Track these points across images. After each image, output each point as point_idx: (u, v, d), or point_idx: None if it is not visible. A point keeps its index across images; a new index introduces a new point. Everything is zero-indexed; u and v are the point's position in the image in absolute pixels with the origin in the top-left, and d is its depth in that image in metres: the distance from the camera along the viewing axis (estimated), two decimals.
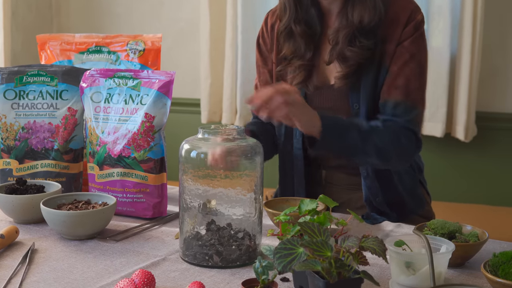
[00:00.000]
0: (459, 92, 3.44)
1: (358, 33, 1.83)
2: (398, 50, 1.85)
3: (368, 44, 1.83)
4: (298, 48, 1.93)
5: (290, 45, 1.94)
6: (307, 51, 1.92)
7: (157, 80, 1.81)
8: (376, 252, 1.14)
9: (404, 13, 1.86)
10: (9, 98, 1.93)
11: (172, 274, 1.41)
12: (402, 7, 1.87)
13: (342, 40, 1.85)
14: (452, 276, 1.42)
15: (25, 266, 1.44)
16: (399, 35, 1.85)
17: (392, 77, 1.85)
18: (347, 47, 1.84)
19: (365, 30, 1.83)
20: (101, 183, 1.83)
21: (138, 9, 4.23)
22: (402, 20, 1.85)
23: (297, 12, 1.91)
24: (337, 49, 1.86)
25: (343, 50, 1.85)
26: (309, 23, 1.93)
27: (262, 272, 1.20)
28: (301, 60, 1.92)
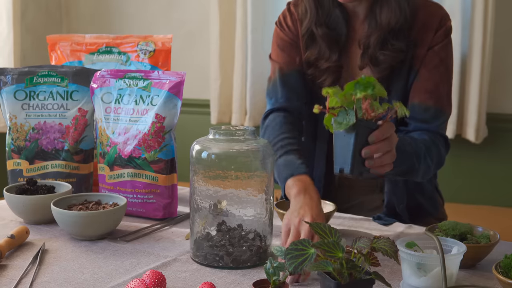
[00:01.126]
0: (470, 93, 3.42)
1: (389, 36, 1.83)
2: (429, 54, 1.85)
3: (400, 46, 1.83)
4: (322, 51, 1.90)
5: (313, 48, 1.92)
6: (332, 53, 1.89)
7: (168, 80, 1.81)
8: (387, 253, 1.13)
9: (435, 18, 1.85)
10: (20, 98, 1.94)
11: (183, 274, 1.41)
12: (433, 12, 1.87)
13: (373, 45, 1.83)
14: (463, 278, 1.42)
15: (35, 266, 1.44)
16: (430, 40, 1.84)
17: (421, 80, 1.85)
18: (379, 50, 1.83)
19: (395, 32, 1.82)
20: (112, 183, 1.83)
21: (147, 10, 4.23)
22: (433, 25, 1.85)
23: (318, 14, 1.89)
24: (368, 53, 1.85)
25: (376, 54, 1.84)
26: (332, 25, 1.90)
27: (273, 273, 1.19)
28: (327, 62, 1.90)
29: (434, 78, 1.85)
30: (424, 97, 1.84)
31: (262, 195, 1.48)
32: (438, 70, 1.85)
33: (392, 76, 1.87)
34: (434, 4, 1.90)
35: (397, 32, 1.83)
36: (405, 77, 1.87)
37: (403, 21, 1.82)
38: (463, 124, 3.47)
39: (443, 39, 1.85)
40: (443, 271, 1.18)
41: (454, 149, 1.94)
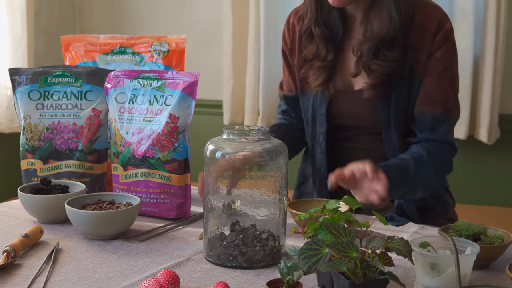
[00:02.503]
0: (482, 94, 3.41)
1: (381, 45, 1.83)
2: (432, 61, 1.84)
3: (392, 56, 1.82)
4: (319, 50, 1.93)
5: (311, 47, 1.95)
6: (328, 53, 1.92)
7: (182, 81, 1.82)
8: (401, 253, 1.13)
9: (432, 21, 1.85)
10: (34, 98, 1.95)
11: (196, 274, 1.41)
12: (430, 15, 1.86)
13: (366, 53, 1.84)
14: (477, 278, 1.41)
15: (49, 265, 1.45)
16: (430, 44, 1.84)
17: (427, 88, 1.85)
18: (372, 60, 1.84)
19: (387, 41, 1.82)
20: (125, 183, 1.84)
21: (160, 11, 4.24)
22: (431, 29, 1.84)
23: (318, 14, 1.91)
24: (362, 61, 1.86)
25: (368, 63, 1.85)
26: (331, 25, 1.93)
27: (287, 273, 1.19)
28: (322, 61, 1.93)
29: (440, 85, 1.85)
30: (432, 106, 1.85)
31: (275, 195, 1.48)
32: (444, 77, 1.85)
33: (391, 80, 1.86)
34: (431, 6, 1.89)
35: (389, 42, 1.82)
36: (407, 81, 1.87)
37: (394, 31, 1.81)
38: (475, 125, 3.47)
39: (443, 43, 1.84)
40: (458, 271, 1.17)
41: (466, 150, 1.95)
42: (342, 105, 1.94)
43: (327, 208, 1.35)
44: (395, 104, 1.87)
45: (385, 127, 1.89)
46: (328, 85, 1.94)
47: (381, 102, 1.88)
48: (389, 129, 1.89)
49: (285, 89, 2.11)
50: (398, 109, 1.87)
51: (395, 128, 1.89)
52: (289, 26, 2.06)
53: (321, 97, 1.96)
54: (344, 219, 1.30)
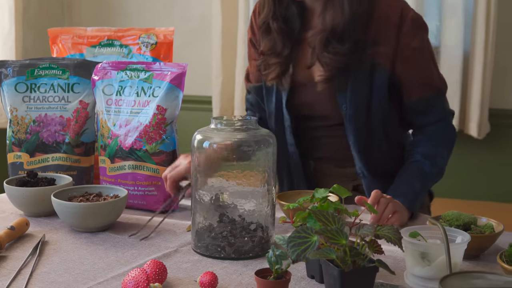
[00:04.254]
0: (472, 89, 3.41)
1: (331, 38, 1.80)
2: (407, 52, 1.81)
3: (341, 50, 1.79)
4: (275, 45, 1.90)
5: (267, 41, 1.92)
6: (284, 48, 1.89)
7: (169, 72, 1.80)
8: (391, 240, 1.12)
9: (393, 11, 1.81)
10: (21, 91, 1.93)
11: (184, 265, 1.40)
12: (389, 5, 1.82)
13: (318, 45, 1.82)
14: (467, 268, 1.41)
15: (35, 257, 1.43)
16: (395, 36, 1.80)
17: (411, 78, 1.84)
18: (323, 52, 1.81)
19: (337, 34, 1.79)
20: (113, 176, 1.82)
21: (149, 7, 4.22)
22: (393, 20, 1.80)
23: (275, 8, 1.88)
24: (315, 53, 1.84)
25: (320, 55, 1.82)
26: (289, 19, 1.90)
27: (276, 262, 1.18)
28: (277, 57, 1.90)
29: (423, 71, 1.84)
30: (421, 91, 1.85)
31: (264, 186, 1.46)
32: (423, 61, 1.84)
33: (348, 73, 1.83)
34: None
35: (339, 35, 1.79)
36: (366, 74, 1.83)
37: (344, 24, 1.77)
38: (465, 120, 3.47)
39: (413, 33, 1.81)
40: (448, 258, 1.16)
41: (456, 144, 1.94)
42: (303, 97, 1.92)
43: (316, 197, 1.33)
44: (352, 98, 1.84)
45: (346, 119, 1.87)
46: (282, 79, 1.91)
47: (339, 95, 1.85)
48: (349, 121, 1.86)
49: (253, 80, 2.07)
50: (354, 103, 1.84)
51: (354, 120, 1.86)
52: (255, 16, 2.03)
53: (284, 90, 1.94)
54: (333, 208, 1.28)
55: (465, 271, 1.08)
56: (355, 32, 1.79)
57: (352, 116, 1.85)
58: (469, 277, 1.04)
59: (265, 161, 1.46)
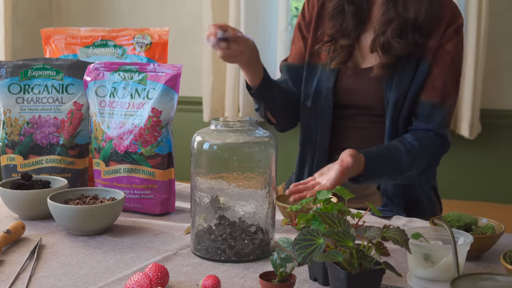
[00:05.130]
0: (464, 89, 3.41)
1: (409, 27, 1.86)
2: (441, 52, 1.88)
3: (416, 40, 1.86)
4: (346, 27, 1.95)
5: (338, 23, 1.96)
6: (354, 31, 1.95)
7: (164, 73, 1.78)
8: (398, 242, 1.11)
9: (447, 12, 1.90)
10: (14, 92, 1.90)
11: (185, 268, 1.38)
12: (446, 6, 1.91)
13: (391, 32, 1.86)
14: (469, 269, 1.40)
15: (33, 261, 1.41)
16: (442, 34, 1.88)
17: (432, 78, 1.88)
18: (396, 38, 1.86)
19: (416, 25, 1.86)
20: (108, 179, 1.80)
21: (140, 6, 4.20)
22: (445, 19, 1.89)
23: None
24: (381, 39, 1.88)
25: (390, 41, 1.86)
26: (360, 4, 1.95)
27: (281, 265, 1.16)
28: (346, 39, 1.95)
29: (445, 76, 1.88)
30: (432, 94, 1.88)
31: (264, 188, 1.45)
32: (448, 69, 1.89)
33: (397, 64, 1.88)
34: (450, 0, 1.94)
35: (418, 25, 1.86)
36: (414, 65, 1.89)
37: (424, 15, 1.85)
38: (457, 120, 3.48)
39: (454, 37, 1.89)
40: (456, 259, 1.15)
41: None
42: (348, 82, 1.96)
43: (319, 198, 1.32)
44: (397, 86, 1.89)
45: (388, 106, 1.90)
46: (347, 64, 1.95)
47: (388, 82, 1.90)
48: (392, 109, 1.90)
49: (290, 60, 2.11)
50: (398, 91, 1.89)
51: (398, 108, 1.89)
52: (309, 2, 2.07)
53: (330, 72, 1.97)
54: (337, 210, 1.27)
55: (473, 273, 1.07)
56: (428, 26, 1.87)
57: (392, 104, 1.88)
58: (478, 279, 1.04)
59: (266, 162, 1.44)
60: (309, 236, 1.11)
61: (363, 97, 1.94)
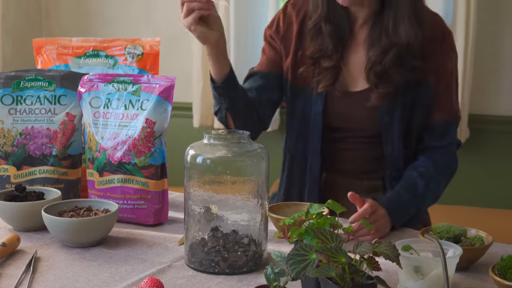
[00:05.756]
0: None
1: (406, 54, 1.83)
2: (442, 72, 1.88)
3: (417, 64, 1.84)
4: (325, 48, 1.91)
5: (318, 44, 1.92)
6: (335, 52, 1.91)
7: (158, 85, 1.80)
8: (389, 257, 1.13)
9: (438, 30, 1.90)
10: (7, 103, 1.91)
11: (179, 281, 1.40)
12: (435, 24, 1.91)
13: (388, 61, 1.83)
14: (459, 280, 1.42)
15: (29, 275, 1.42)
16: (438, 54, 1.88)
17: (440, 98, 1.89)
18: (394, 68, 1.83)
19: (412, 49, 1.83)
20: (101, 189, 1.81)
21: (129, 13, 4.21)
22: (437, 38, 1.89)
23: (329, 10, 1.90)
24: (378, 68, 1.85)
25: (387, 71, 1.84)
26: (339, 24, 1.92)
27: (274, 279, 1.18)
28: (329, 60, 1.91)
29: (450, 93, 1.90)
30: (444, 113, 1.90)
31: (256, 200, 1.47)
32: (452, 84, 1.91)
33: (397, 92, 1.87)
34: (434, 14, 1.95)
35: (412, 50, 1.83)
36: (413, 89, 1.88)
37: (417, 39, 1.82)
38: None
39: (449, 53, 1.90)
40: (445, 274, 1.18)
41: None
42: (338, 105, 1.94)
43: (311, 212, 1.34)
44: (398, 112, 1.88)
45: (386, 132, 1.90)
46: (335, 86, 1.92)
47: (382, 107, 1.88)
48: (390, 134, 1.90)
49: (261, 68, 2.08)
50: (400, 116, 1.88)
51: (397, 134, 1.90)
52: (285, 14, 2.04)
53: (317, 95, 1.95)
54: (329, 224, 1.29)
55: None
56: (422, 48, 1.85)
57: (393, 128, 1.88)
58: None
59: (258, 175, 1.47)
60: (302, 252, 1.13)
61: (356, 121, 1.94)
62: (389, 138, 1.91)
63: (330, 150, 1.99)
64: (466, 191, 3.66)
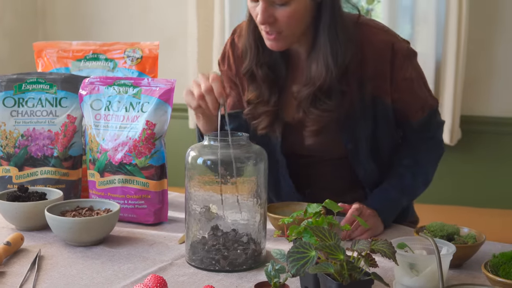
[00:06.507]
0: (444, 96, 3.50)
1: (319, 94, 1.76)
2: (401, 83, 1.81)
3: (330, 106, 1.77)
4: (262, 93, 1.85)
5: (254, 89, 1.87)
6: (272, 96, 1.85)
7: (158, 88, 1.84)
8: (386, 255, 1.17)
9: (385, 47, 1.79)
10: (8, 105, 1.95)
11: (181, 278, 1.44)
12: (381, 41, 1.79)
13: (305, 101, 1.79)
14: (452, 277, 1.46)
15: (34, 272, 1.46)
16: (390, 72, 1.79)
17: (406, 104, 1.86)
18: (310, 108, 1.79)
19: (324, 91, 1.76)
20: (102, 189, 1.85)
21: (124, 16, 4.24)
22: (386, 56, 1.78)
23: (259, 54, 1.83)
24: (301, 108, 1.81)
25: (306, 111, 1.80)
26: (273, 66, 1.85)
27: (275, 276, 1.23)
28: (265, 106, 1.85)
29: (417, 96, 1.86)
30: (419, 114, 1.88)
31: (255, 200, 1.51)
32: (416, 87, 1.86)
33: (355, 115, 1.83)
34: (379, 32, 1.82)
35: (327, 91, 1.76)
36: (371, 110, 1.83)
37: (331, 80, 1.74)
38: None
39: (405, 62, 1.80)
40: (440, 270, 1.22)
41: None
42: (298, 137, 1.90)
43: (309, 212, 1.39)
44: (357, 135, 1.85)
45: (353, 156, 1.88)
46: (274, 127, 1.87)
47: (344, 135, 1.85)
48: (357, 157, 1.88)
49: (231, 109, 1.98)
50: (360, 138, 1.86)
51: (363, 155, 1.88)
52: (233, 49, 1.98)
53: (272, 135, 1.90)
54: (327, 222, 1.34)
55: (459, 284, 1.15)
56: (342, 84, 1.77)
57: (359, 152, 1.87)
58: None
59: (257, 176, 1.51)
60: (302, 249, 1.17)
61: (321, 150, 1.90)
62: (358, 163, 1.89)
63: (302, 174, 1.96)
64: (457, 191, 3.71)
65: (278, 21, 1.70)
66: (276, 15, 1.69)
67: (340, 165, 1.93)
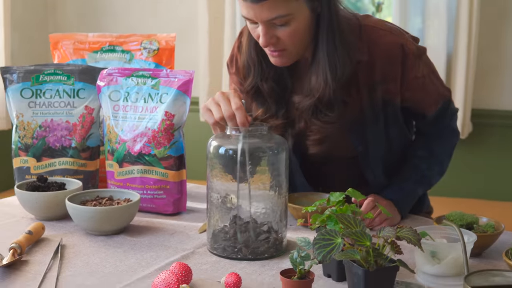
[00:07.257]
0: (455, 89, 3.50)
1: (319, 105, 1.74)
2: (413, 83, 1.79)
3: (331, 118, 1.75)
4: (269, 108, 1.83)
5: (260, 105, 1.83)
6: (279, 109, 1.83)
7: (176, 79, 1.85)
8: (411, 241, 1.19)
9: (394, 49, 1.76)
10: (26, 97, 1.96)
11: (204, 266, 1.45)
12: (389, 44, 1.76)
13: (306, 112, 1.78)
14: (472, 265, 1.47)
15: (57, 261, 1.47)
16: (401, 73, 1.77)
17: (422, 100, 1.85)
18: (311, 119, 1.79)
19: (325, 103, 1.74)
20: (121, 180, 1.86)
21: (135, 8, 4.25)
22: (397, 58, 1.76)
23: (263, 69, 1.80)
24: (303, 118, 1.82)
25: (308, 122, 1.81)
26: (277, 79, 1.82)
27: (300, 262, 1.24)
28: (274, 120, 1.83)
29: (430, 91, 1.85)
30: (432, 108, 1.87)
31: (276, 190, 1.52)
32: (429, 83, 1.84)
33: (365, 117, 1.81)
34: (387, 34, 1.78)
35: (327, 103, 1.74)
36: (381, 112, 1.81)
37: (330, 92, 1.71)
38: None
39: (416, 62, 1.78)
40: (465, 257, 1.23)
41: None
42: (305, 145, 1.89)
43: (332, 200, 1.40)
44: (367, 137, 1.84)
45: (363, 157, 1.87)
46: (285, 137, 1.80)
47: (354, 136, 1.84)
48: (367, 159, 1.88)
49: None
50: (371, 140, 1.85)
51: (374, 158, 1.88)
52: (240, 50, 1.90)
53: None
54: (350, 211, 1.35)
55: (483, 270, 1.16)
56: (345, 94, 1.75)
57: (369, 154, 1.86)
58: (488, 275, 1.12)
59: (278, 165, 1.52)
60: (328, 236, 1.18)
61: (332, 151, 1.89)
62: (367, 165, 1.89)
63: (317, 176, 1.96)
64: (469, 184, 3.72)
65: (280, 40, 1.68)
66: (278, 35, 1.67)
67: (353, 163, 1.91)
